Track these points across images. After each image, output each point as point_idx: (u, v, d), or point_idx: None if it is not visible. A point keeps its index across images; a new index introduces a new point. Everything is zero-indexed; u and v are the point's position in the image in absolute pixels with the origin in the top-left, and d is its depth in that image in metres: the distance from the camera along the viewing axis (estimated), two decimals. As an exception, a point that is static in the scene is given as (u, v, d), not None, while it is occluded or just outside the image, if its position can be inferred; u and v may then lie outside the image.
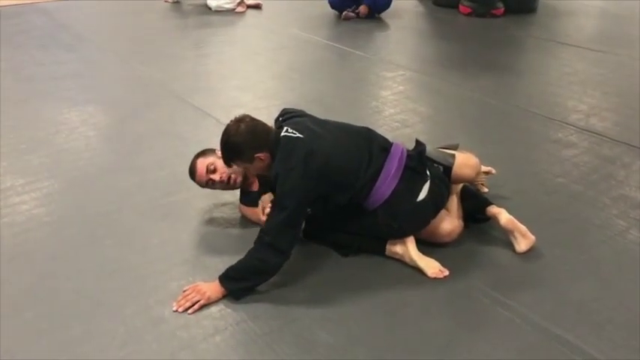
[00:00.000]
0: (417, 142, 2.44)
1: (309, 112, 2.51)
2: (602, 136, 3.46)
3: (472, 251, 2.42)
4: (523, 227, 2.38)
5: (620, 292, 2.19)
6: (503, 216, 2.40)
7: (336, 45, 5.43)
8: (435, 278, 2.24)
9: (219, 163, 2.46)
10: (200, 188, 2.64)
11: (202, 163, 2.52)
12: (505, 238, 2.43)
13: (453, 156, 2.47)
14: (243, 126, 2.22)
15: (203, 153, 2.58)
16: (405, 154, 2.32)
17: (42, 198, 2.88)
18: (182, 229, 2.60)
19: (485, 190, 2.75)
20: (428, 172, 2.33)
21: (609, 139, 3.41)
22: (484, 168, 2.73)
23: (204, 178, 2.52)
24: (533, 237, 2.38)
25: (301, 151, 2.15)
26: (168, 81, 4.49)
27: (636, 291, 2.19)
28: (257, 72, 4.85)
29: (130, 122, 3.78)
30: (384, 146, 2.33)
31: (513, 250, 2.39)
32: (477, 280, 2.24)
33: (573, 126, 3.60)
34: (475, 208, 2.51)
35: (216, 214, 2.71)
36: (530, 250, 2.38)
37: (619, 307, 2.10)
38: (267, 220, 2.20)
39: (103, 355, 1.91)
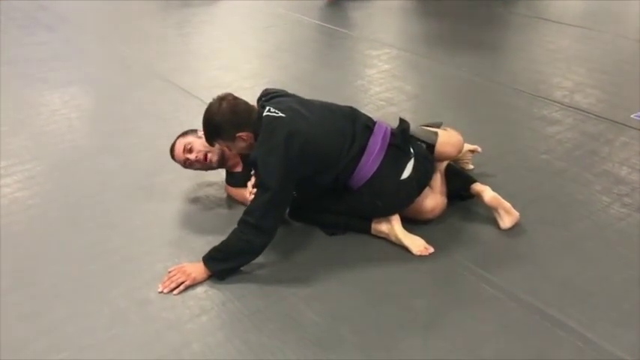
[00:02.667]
0: (401, 120, 2.43)
1: (295, 92, 2.49)
2: (586, 112, 3.47)
3: (457, 228, 2.43)
4: (507, 204, 2.39)
5: (603, 266, 2.21)
6: (487, 193, 2.42)
7: (322, 24, 5.39)
8: (420, 256, 2.26)
9: (197, 143, 2.48)
10: (184, 169, 2.63)
11: (180, 143, 2.55)
12: (489, 215, 2.45)
13: (436, 134, 2.47)
14: (225, 104, 2.20)
15: (184, 133, 2.59)
16: (388, 133, 2.31)
17: (24, 181, 2.84)
18: (167, 210, 2.59)
19: (471, 167, 2.77)
20: (412, 150, 2.33)
21: (593, 116, 3.42)
22: (470, 146, 2.73)
23: (181, 158, 2.54)
24: (517, 213, 2.39)
25: (283, 131, 2.13)
26: (151, 62, 4.43)
27: (618, 265, 2.22)
28: (242, 52, 4.80)
29: (112, 103, 3.74)
30: (367, 125, 2.32)
31: (497, 226, 2.40)
32: (462, 257, 2.26)
33: (558, 103, 3.61)
34: (459, 185, 2.52)
35: (201, 194, 2.70)
36: (514, 227, 2.40)
37: (601, 282, 2.13)
38: (251, 200, 2.19)
39: (89, 337, 1.90)
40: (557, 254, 2.28)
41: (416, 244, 2.28)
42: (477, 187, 2.46)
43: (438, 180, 2.48)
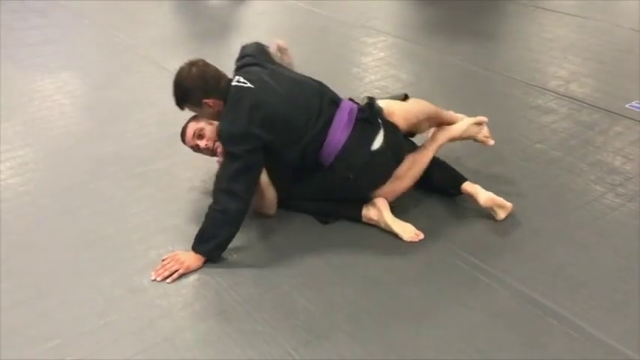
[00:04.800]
0: (368, 97, 2.42)
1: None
2: (581, 102, 3.47)
3: (449, 217, 2.44)
4: (500, 199, 2.37)
5: (596, 256, 2.22)
6: (482, 196, 2.37)
7: (317, 10, 5.35)
8: (410, 242, 2.26)
9: (208, 130, 2.46)
10: (178, 156, 2.61)
11: (192, 127, 2.51)
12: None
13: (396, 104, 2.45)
14: (194, 70, 2.21)
15: (196, 117, 2.53)
16: (355, 109, 2.32)
17: (17, 167, 2.82)
18: (161, 197, 2.58)
19: (491, 142, 2.59)
20: (380, 121, 2.33)
21: (588, 105, 3.42)
22: (472, 119, 2.60)
23: (190, 142, 2.51)
24: (510, 204, 2.39)
25: (248, 101, 2.16)
26: (144, 47, 4.39)
27: (611, 255, 2.22)
28: (236, 38, 4.76)
29: (105, 89, 3.71)
30: (333, 100, 2.34)
31: (491, 216, 2.40)
32: (455, 245, 2.26)
33: (553, 92, 3.60)
34: (448, 183, 2.49)
35: (196, 182, 2.69)
36: (508, 216, 2.40)
37: (594, 271, 2.14)
38: (219, 169, 2.21)
39: (82, 325, 1.90)
40: (551, 243, 2.28)
41: (406, 230, 2.29)
42: (469, 187, 2.42)
43: (404, 165, 2.41)
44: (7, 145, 3.00)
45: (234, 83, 2.20)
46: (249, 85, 2.19)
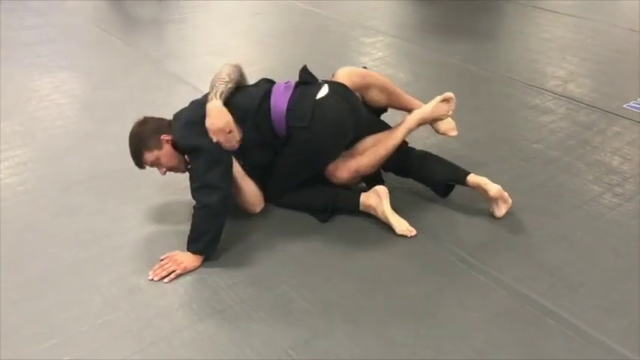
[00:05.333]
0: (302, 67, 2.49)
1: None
2: (579, 102, 3.47)
3: (448, 216, 2.44)
4: (506, 194, 2.38)
5: (593, 256, 2.22)
6: (493, 187, 2.35)
7: (315, 10, 5.35)
8: (402, 235, 2.29)
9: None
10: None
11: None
12: (479, 203, 2.45)
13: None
14: (135, 124, 2.38)
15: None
16: (291, 81, 2.39)
17: (15, 167, 2.82)
18: (158, 197, 2.58)
19: (453, 133, 2.55)
20: (321, 80, 2.39)
21: (586, 106, 3.43)
22: (438, 97, 2.51)
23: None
24: (510, 201, 2.40)
25: (185, 114, 2.33)
26: (141, 47, 4.39)
27: (608, 255, 2.23)
28: (234, 37, 4.76)
29: (103, 89, 3.71)
30: (268, 80, 2.46)
31: (488, 214, 2.41)
32: (452, 244, 2.26)
33: (551, 92, 3.61)
34: (452, 176, 2.46)
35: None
36: (506, 215, 2.40)
37: (591, 271, 2.14)
38: (189, 172, 2.24)
39: (80, 324, 1.90)
40: (548, 243, 2.29)
41: (401, 223, 2.31)
42: (477, 179, 2.39)
43: (364, 142, 2.43)
44: (5, 145, 3.00)
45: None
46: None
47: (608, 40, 4.60)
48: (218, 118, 2.16)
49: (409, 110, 2.54)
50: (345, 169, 2.40)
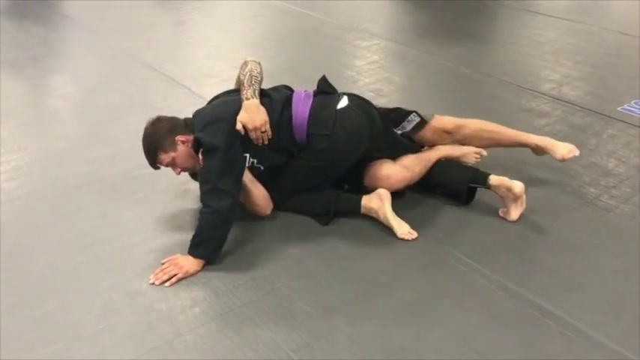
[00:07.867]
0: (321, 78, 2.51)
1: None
2: (573, 105, 3.50)
3: (447, 219, 2.45)
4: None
5: (591, 257, 2.24)
6: (517, 184, 2.36)
7: (311, 13, 5.36)
8: (403, 239, 2.29)
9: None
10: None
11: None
12: (479, 206, 2.47)
13: None
14: (148, 125, 2.35)
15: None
16: (310, 90, 2.42)
17: (11, 171, 2.81)
18: (157, 200, 2.57)
19: (570, 156, 2.60)
20: (339, 92, 2.44)
21: (581, 108, 3.45)
22: (474, 149, 2.63)
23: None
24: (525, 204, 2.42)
25: (209, 111, 2.34)
26: (138, 50, 4.38)
27: (606, 257, 2.24)
28: (230, 40, 4.76)
29: (99, 92, 3.70)
30: (287, 87, 2.47)
31: (488, 216, 2.42)
32: (452, 247, 2.27)
33: (546, 95, 3.63)
34: (471, 177, 2.47)
35: (192, 185, 2.67)
36: (504, 218, 2.42)
37: (589, 273, 2.16)
38: (200, 171, 2.22)
39: (81, 329, 1.89)
40: (547, 245, 2.30)
41: (402, 226, 2.32)
42: (499, 178, 2.40)
43: (409, 157, 2.49)
44: (2, 149, 2.98)
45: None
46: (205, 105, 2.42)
47: (601, 43, 4.63)
48: (258, 115, 2.20)
49: (522, 146, 2.68)
50: (401, 176, 2.43)
